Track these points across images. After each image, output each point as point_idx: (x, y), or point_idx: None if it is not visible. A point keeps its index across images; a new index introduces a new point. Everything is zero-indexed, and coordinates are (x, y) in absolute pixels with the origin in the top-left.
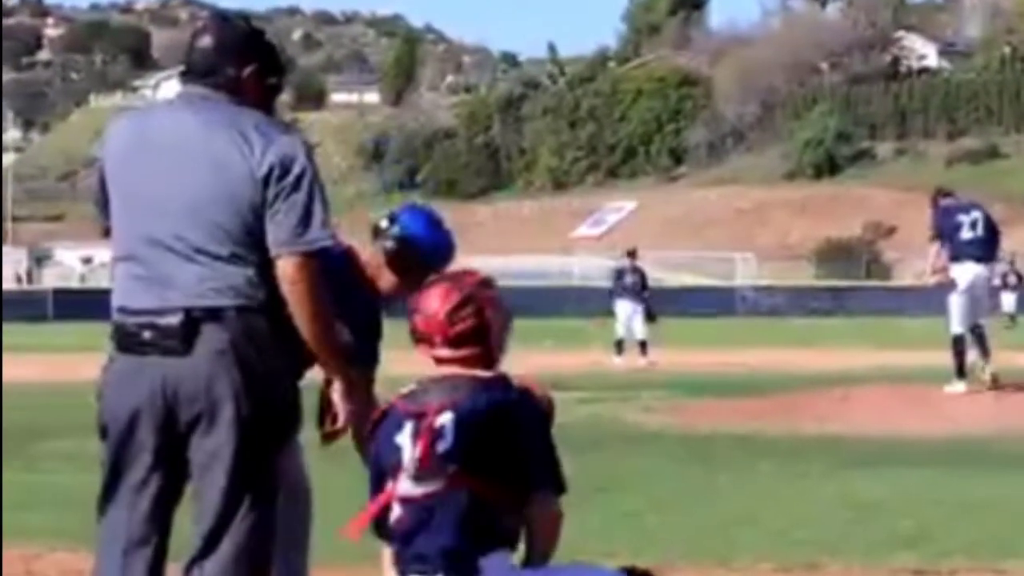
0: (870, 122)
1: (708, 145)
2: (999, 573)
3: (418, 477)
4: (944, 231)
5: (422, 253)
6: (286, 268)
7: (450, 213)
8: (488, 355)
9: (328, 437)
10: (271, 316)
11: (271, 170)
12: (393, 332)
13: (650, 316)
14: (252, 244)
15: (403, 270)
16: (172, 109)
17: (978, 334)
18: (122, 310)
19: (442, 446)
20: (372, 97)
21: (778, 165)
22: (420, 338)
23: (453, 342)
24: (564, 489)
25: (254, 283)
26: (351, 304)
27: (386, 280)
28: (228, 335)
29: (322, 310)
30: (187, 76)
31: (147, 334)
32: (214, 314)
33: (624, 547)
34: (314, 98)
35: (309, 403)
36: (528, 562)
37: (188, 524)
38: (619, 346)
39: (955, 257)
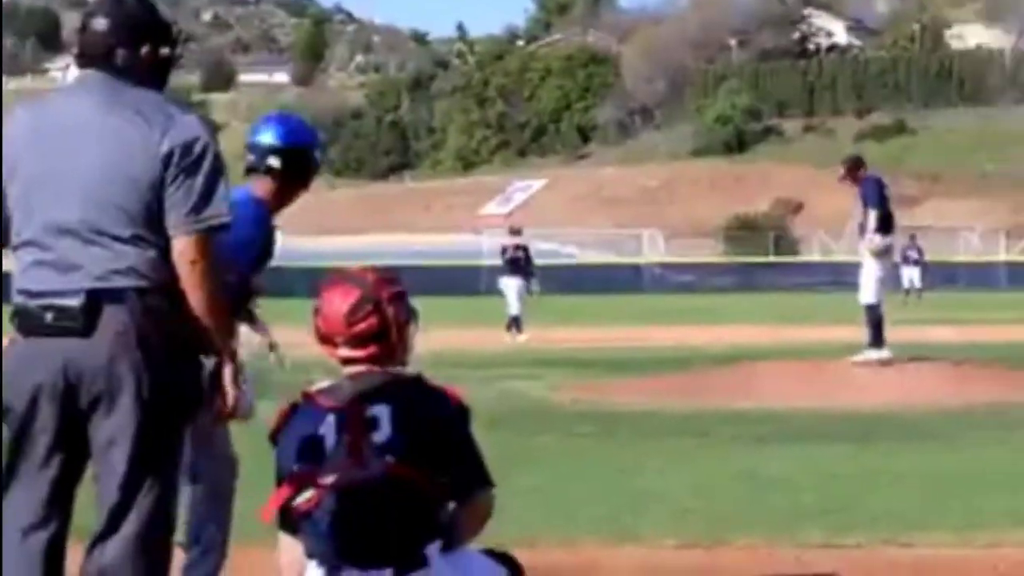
0: (779, 99)
1: (617, 123)
2: (904, 546)
3: (350, 468)
4: (878, 203)
5: (295, 148)
6: (184, 249)
7: (359, 192)
8: (391, 353)
9: (217, 420)
10: (173, 297)
11: (172, 150)
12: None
13: (529, 291)
14: (153, 225)
15: (291, 176)
16: (70, 94)
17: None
18: (24, 293)
19: (378, 437)
20: (282, 77)
21: (687, 143)
22: (323, 339)
23: (354, 342)
24: (493, 484)
25: (156, 264)
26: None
27: (286, 198)
28: (129, 316)
29: (217, 291)
30: (83, 59)
31: (49, 316)
32: (116, 295)
33: (529, 523)
34: (224, 79)
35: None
36: (445, 547)
37: (90, 505)
38: (515, 322)
39: (882, 230)
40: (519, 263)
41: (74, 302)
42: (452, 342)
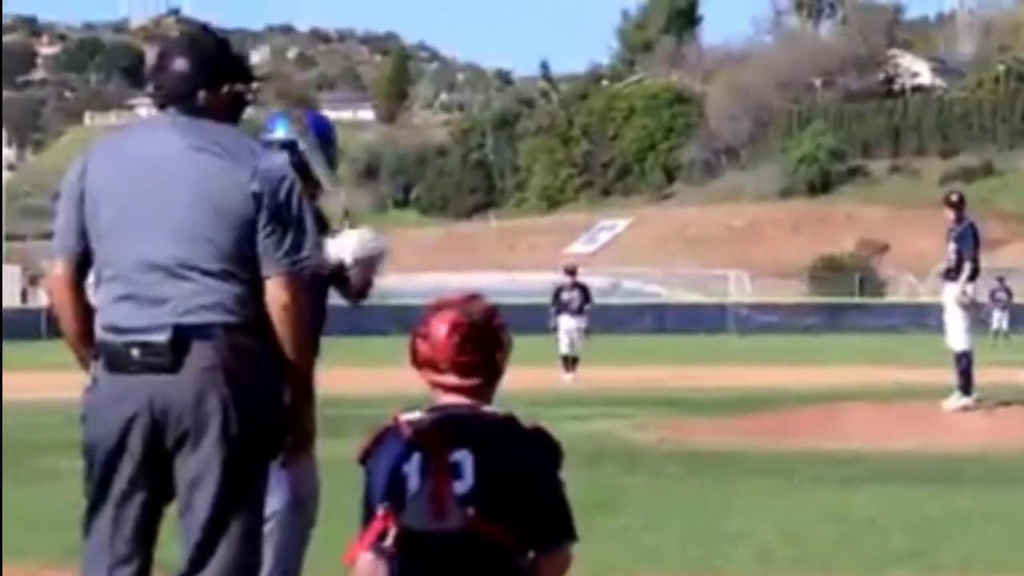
0: (864, 140)
1: (702, 163)
2: None
3: (430, 517)
4: (974, 253)
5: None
6: (276, 291)
7: (444, 230)
8: (492, 386)
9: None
10: (259, 334)
11: (262, 191)
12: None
13: (586, 331)
14: (242, 261)
15: (307, 170)
16: (152, 128)
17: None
18: (111, 329)
19: (460, 487)
20: (366, 114)
21: (772, 183)
22: (425, 363)
23: (461, 371)
24: (577, 537)
25: (243, 299)
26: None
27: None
28: (216, 352)
29: (305, 333)
30: (162, 99)
31: (135, 352)
32: (203, 331)
33: (619, 564)
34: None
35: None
36: None
37: (173, 542)
38: (565, 362)
39: (971, 279)
40: (572, 304)
41: (161, 338)
42: (538, 381)
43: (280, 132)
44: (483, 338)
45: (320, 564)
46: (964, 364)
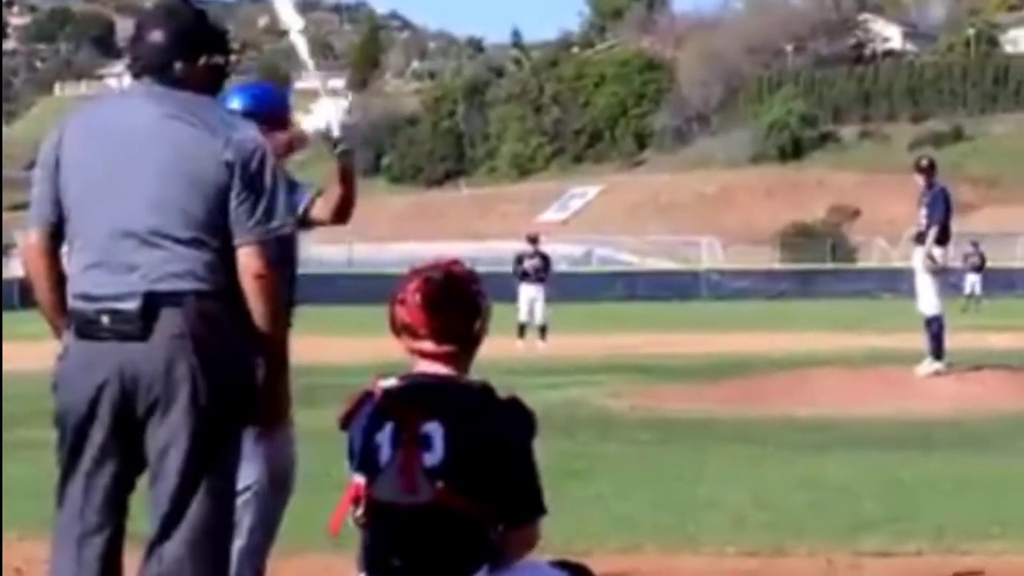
0: (835, 105)
1: (673, 129)
2: (964, 554)
3: (400, 490)
4: (943, 217)
5: (264, 112)
6: (249, 260)
7: (415, 198)
8: (469, 354)
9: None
10: (229, 302)
11: (235, 161)
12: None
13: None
14: (214, 229)
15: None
16: (127, 98)
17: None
18: (82, 296)
19: (430, 459)
20: (337, 83)
21: (743, 149)
22: (403, 329)
23: (437, 336)
24: (546, 511)
25: (213, 267)
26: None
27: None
28: (186, 320)
29: (279, 302)
30: (138, 69)
31: (105, 319)
32: (173, 298)
33: (592, 532)
34: (279, 85)
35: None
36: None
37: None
38: (521, 330)
39: (939, 242)
40: (535, 271)
41: (131, 305)
42: (510, 348)
43: (235, 103)
44: (459, 302)
45: (298, 533)
46: (935, 329)
